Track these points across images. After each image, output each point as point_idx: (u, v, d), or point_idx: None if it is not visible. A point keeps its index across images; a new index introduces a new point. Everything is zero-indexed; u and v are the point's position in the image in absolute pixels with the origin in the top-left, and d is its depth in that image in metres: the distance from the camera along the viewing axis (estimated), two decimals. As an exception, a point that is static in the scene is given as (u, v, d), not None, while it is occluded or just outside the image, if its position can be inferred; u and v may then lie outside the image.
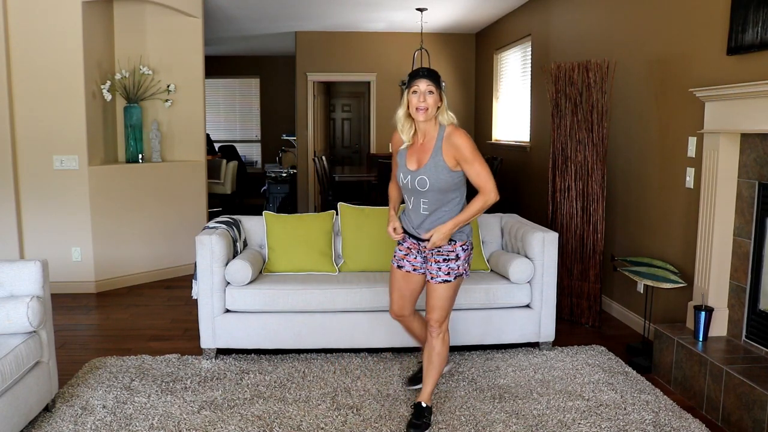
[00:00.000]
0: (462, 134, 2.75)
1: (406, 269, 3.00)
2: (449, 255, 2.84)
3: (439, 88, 2.74)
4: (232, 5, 6.94)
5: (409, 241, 2.97)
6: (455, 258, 2.84)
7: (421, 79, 2.71)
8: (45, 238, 5.18)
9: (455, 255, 2.84)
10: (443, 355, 2.96)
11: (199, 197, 6.08)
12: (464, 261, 2.87)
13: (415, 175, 2.78)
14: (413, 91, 2.72)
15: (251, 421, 3.00)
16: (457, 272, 2.85)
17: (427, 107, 2.71)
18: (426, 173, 2.75)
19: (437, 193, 2.78)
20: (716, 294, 3.47)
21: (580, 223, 4.52)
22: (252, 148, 11.83)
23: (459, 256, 2.84)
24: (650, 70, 4.22)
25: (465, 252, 2.86)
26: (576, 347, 3.97)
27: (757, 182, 3.24)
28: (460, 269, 2.86)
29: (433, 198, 2.80)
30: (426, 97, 2.70)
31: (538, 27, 6.44)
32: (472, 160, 2.71)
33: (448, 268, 2.84)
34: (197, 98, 6.01)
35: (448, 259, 2.84)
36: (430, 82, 2.70)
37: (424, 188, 2.78)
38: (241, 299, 3.71)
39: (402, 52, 8.69)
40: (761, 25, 3.10)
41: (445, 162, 2.74)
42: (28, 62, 5.01)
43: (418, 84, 2.71)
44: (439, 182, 2.75)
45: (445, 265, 2.84)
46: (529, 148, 6.72)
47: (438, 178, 2.75)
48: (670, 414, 3.09)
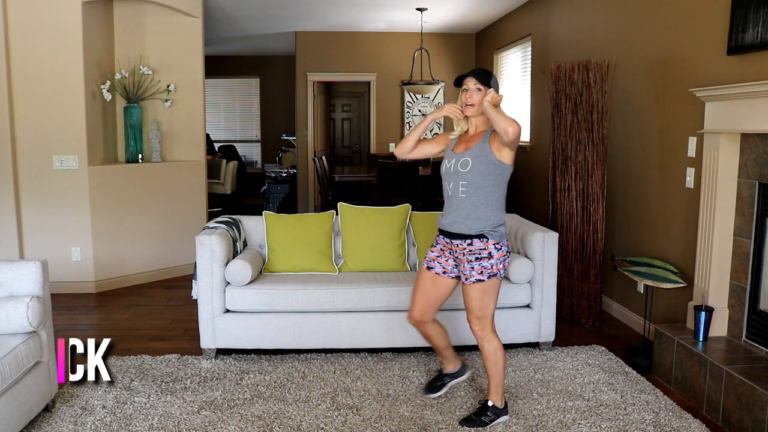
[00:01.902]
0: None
1: (436, 271, 3.01)
2: (481, 254, 2.84)
3: (487, 86, 2.86)
4: (232, 5, 6.94)
5: (442, 242, 2.99)
6: (488, 256, 2.84)
7: (470, 77, 2.89)
8: (45, 238, 5.18)
9: (488, 253, 2.84)
10: (497, 355, 2.95)
11: (199, 197, 6.08)
12: (498, 261, 2.86)
13: (460, 156, 2.89)
14: (463, 89, 2.91)
15: (251, 421, 3.00)
16: (490, 271, 2.84)
17: (474, 103, 2.87)
18: (470, 155, 2.86)
19: (478, 176, 2.82)
20: (716, 294, 3.47)
21: (580, 223, 4.52)
22: (252, 148, 11.82)
23: (492, 255, 2.84)
24: (650, 70, 4.22)
25: (499, 251, 2.86)
26: (576, 347, 3.97)
27: (757, 182, 3.24)
28: (493, 268, 2.85)
29: (473, 180, 2.83)
30: (474, 95, 2.87)
31: (538, 27, 6.44)
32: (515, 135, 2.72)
33: (481, 267, 2.84)
34: (197, 98, 6.01)
35: (480, 257, 2.84)
36: (477, 81, 2.86)
37: (466, 168, 2.84)
38: (241, 299, 3.71)
39: (402, 52, 8.69)
40: (761, 25, 3.10)
41: (491, 148, 2.83)
42: (28, 62, 5.01)
43: (467, 83, 2.89)
44: (480, 164, 2.82)
45: (478, 264, 2.84)
46: (529, 148, 6.72)
47: (481, 160, 2.83)
48: (671, 414, 3.09)
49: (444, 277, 3.01)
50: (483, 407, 3.00)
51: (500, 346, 2.96)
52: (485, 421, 2.95)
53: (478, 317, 2.92)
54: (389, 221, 4.09)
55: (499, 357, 2.95)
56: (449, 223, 2.92)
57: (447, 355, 3.27)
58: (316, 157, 8.28)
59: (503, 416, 3.00)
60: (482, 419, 2.95)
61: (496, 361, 2.95)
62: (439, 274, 3.01)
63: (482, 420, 2.95)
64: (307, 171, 9.24)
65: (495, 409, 2.98)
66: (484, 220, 2.83)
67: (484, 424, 2.95)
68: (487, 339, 2.94)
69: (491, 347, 2.94)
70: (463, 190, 2.86)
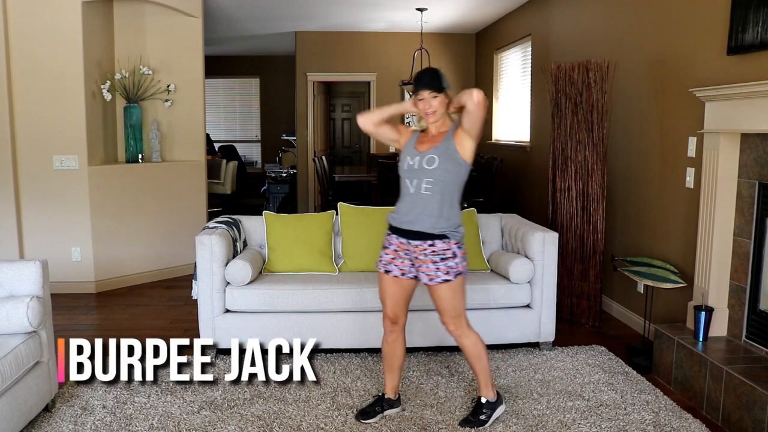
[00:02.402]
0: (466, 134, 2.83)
1: (394, 274, 2.91)
2: (446, 254, 2.81)
3: (441, 90, 2.82)
4: (232, 5, 6.94)
5: (396, 242, 2.90)
6: (452, 256, 2.82)
7: (422, 90, 2.83)
8: (45, 238, 5.18)
9: (452, 253, 2.82)
10: (477, 349, 2.92)
11: (199, 197, 6.08)
12: (461, 259, 2.85)
13: (425, 154, 2.83)
14: (419, 99, 2.84)
15: (251, 421, 3.00)
16: (456, 270, 2.83)
17: (435, 110, 2.83)
18: (437, 152, 2.81)
19: (444, 173, 2.79)
20: (716, 294, 3.47)
21: (580, 223, 4.52)
22: (252, 148, 11.82)
23: (456, 254, 2.82)
24: (650, 70, 4.22)
25: (461, 250, 2.85)
26: (576, 347, 3.97)
27: (757, 182, 3.24)
28: (459, 267, 2.84)
29: (439, 177, 2.79)
30: (431, 103, 2.82)
31: (538, 27, 6.44)
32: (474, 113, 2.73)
33: (446, 267, 2.82)
34: (197, 98, 6.01)
35: (445, 258, 2.81)
36: (431, 92, 2.81)
37: (432, 165, 2.80)
38: (241, 299, 3.71)
39: (402, 52, 8.69)
40: (761, 25, 3.10)
41: (455, 147, 2.81)
42: (28, 62, 5.01)
43: (422, 95, 2.83)
44: (446, 162, 2.79)
45: (443, 264, 2.82)
46: (529, 148, 6.72)
47: (447, 158, 2.80)
48: (670, 414, 3.09)
49: (404, 279, 2.92)
50: (477, 405, 3.00)
51: (479, 340, 2.94)
52: (483, 419, 2.95)
53: (452, 317, 2.89)
54: (389, 221, 4.09)
55: (480, 350, 2.94)
56: (410, 221, 2.83)
57: (397, 373, 3.09)
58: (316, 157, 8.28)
59: (499, 408, 3.00)
60: (480, 418, 2.96)
61: (479, 355, 2.94)
62: (398, 277, 2.92)
63: (480, 419, 2.95)
64: (307, 171, 9.24)
65: (489, 404, 2.98)
66: (446, 219, 2.80)
67: (483, 423, 2.95)
68: (465, 336, 2.92)
69: (470, 342, 2.92)
70: (428, 187, 2.79)
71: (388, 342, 3.03)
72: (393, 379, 3.09)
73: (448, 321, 2.90)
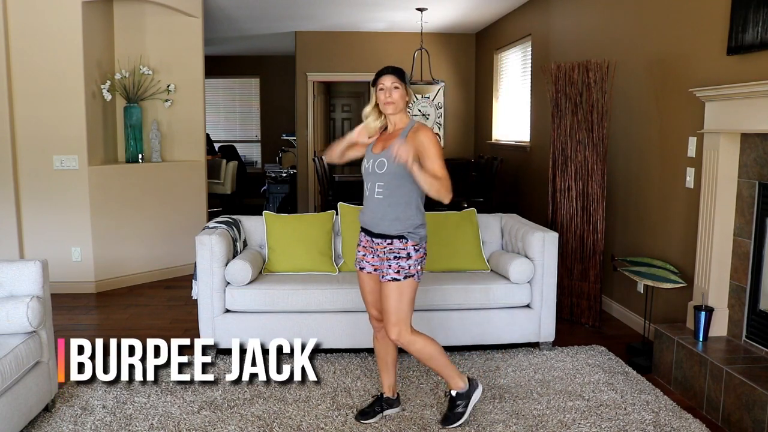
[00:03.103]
0: (429, 132, 2.80)
1: (367, 270, 2.92)
2: (400, 253, 2.78)
3: (404, 83, 2.81)
4: (232, 5, 6.94)
5: (364, 240, 2.91)
6: (406, 257, 2.78)
7: (386, 75, 2.82)
8: (45, 238, 5.18)
9: (406, 253, 2.78)
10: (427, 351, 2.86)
11: (199, 197, 6.08)
12: (416, 262, 2.79)
13: (377, 157, 2.82)
14: (380, 88, 2.82)
15: (251, 421, 3.00)
16: (407, 272, 2.78)
17: (394, 101, 2.80)
18: (386, 156, 2.77)
19: (393, 177, 2.77)
20: (716, 294, 3.47)
21: (580, 223, 4.52)
22: (252, 148, 11.82)
23: (410, 255, 2.78)
24: (650, 70, 4.22)
25: (417, 253, 2.80)
26: (576, 347, 3.97)
27: (757, 182, 3.24)
28: (411, 269, 2.78)
29: (389, 181, 2.78)
30: (392, 93, 2.80)
31: (538, 27, 6.44)
32: (434, 158, 2.72)
33: (398, 266, 2.78)
34: (197, 98, 6.01)
35: (399, 257, 2.78)
36: (395, 79, 2.80)
37: (382, 170, 2.79)
38: (241, 299, 3.71)
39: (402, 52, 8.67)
40: (761, 25, 3.10)
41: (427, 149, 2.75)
42: (28, 62, 5.01)
43: (384, 81, 2.81)
44: (396, 166, 2.72)
45: (396, 263, 2.78)
46: (529, 148, 6.72)
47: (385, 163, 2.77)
48: (670, 414, 3.09)
49: (376, 275, 2.90)
50: (450, 400, 2.98)
51: (425, 340, 2.88)
52: (460, 411, 2.93)
53: (394, 323, 2.79)
54: (389, 221, 4.09)
55: (430, 351, 2.88)
56: (370, 223, 2.85)
57: (392, 371, 3.08)
58: (316, 157, 8.28)
59: (475, 393, 2.97)
60: (456, 411, 2.94)
61: (431, 356, 2.89)
62: (371, 273, 2.92)
63: (456, 412, 2.94)
64: (307, 171, 9.24)
65: (461, 395, 2.95)
66: (402, 221, 2.78)
67: (461, 415, 2.93)
68: (410, 342, 2.84)
69: (418, 347, 2.86)
70: (380, 191, 2.80)
71: (378, 339, 3.03)
72: (389, 378, 3.08)
73: (389, 327, 2.81)
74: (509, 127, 7.68)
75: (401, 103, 2.82)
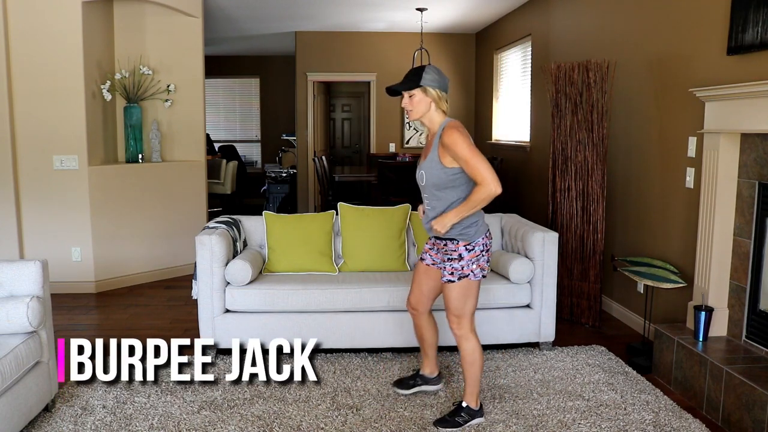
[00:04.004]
0: (452, 133, 2.74)
1: (427, 262, 3.05)
2: (452, 255, 2.85)
3: (418, 86, 2.78)
4: (232, 5, 6.94)
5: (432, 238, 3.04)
6: (458, 258, 2.84)
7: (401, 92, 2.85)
8: (45, 238, 5.18)
9: (458, 255, 2.84)
10: (474, 356, 2.94)
11: (199, 197, 6.08)
12: (470, 261, 2.84)
13: (419, 169, 2.90)
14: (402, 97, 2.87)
15: (251, 421, 3.00)
16: (461, 273, 2.84)
17: (412, 108, 2.82)
18: (424, 168, 2.85)
19: (433, 189, 2.84)
20: (716, 294, 3.47)
21: (580, 223, 4.52)
22: (252, 148, 11.82)
23: (462, 257, 2.83)
24: (650, 70, 4.22)
25: (470, 252, 2.84)
26: (576, 347, 3.97)
27: (757, 182, 3.24)
28: (464, 270, 2.84)
29: (431, 194, 2.86)
30: (407, 102, 2.83)
31: (538, 27, 6.44)
32: (466, 157, 2.70)
33: (451, 267, 2.85)
34: (197, 98, 6.01)
35: (451, 258, 2.86)
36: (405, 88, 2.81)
37: (422, 183, 2.88)
38: (241, 299, 3.71)
39: (402, 52, 8.69)
40: (761, 25, 3.10)
41: (439, 158, 2.78)
42: (28, 62, 5.01)
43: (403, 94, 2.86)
44: (432, 178, 2.81)
45: (449, 264, 2.86)
46: (529, 148, 6.72)
47: (432, 173, 2.81)
48: (670, 414, 3.09)
49: (434, 268, 3.04)
50: (457, 408, 3.00)
51: (478, 347, 2.95)
52: (459, 422, 2.95)
53: (456, 315, 2.92)
54: (389, 221, 4.09)
55: (476, 358, 2.94)
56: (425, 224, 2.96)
57: (430, 354, 3.28)
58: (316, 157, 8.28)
59: (477, 418, 2.99)
60: (456, 420, 2.96)
61: (473, 362, 2.94)
62: (429, 266, 3.05)
63: (456, 421, 2.95)
64: (307, 171, 9.24)
65: (469, 411, 2.97)
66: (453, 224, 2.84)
67: (458, 425, 2.95)
68: (465, 338, 2.93)
69: (469, 347, 2.94)
70: (428, 203, 2.91)
71: (415, 326, 3.23)
72: (427, 360, 3.27)
73: (451, 318, 2.94)
74: (509, 127, 7.68)
75: (421, 107, 2.80)
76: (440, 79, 2.80)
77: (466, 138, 2.73)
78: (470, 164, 2.70)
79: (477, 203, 2.73)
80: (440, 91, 2.80)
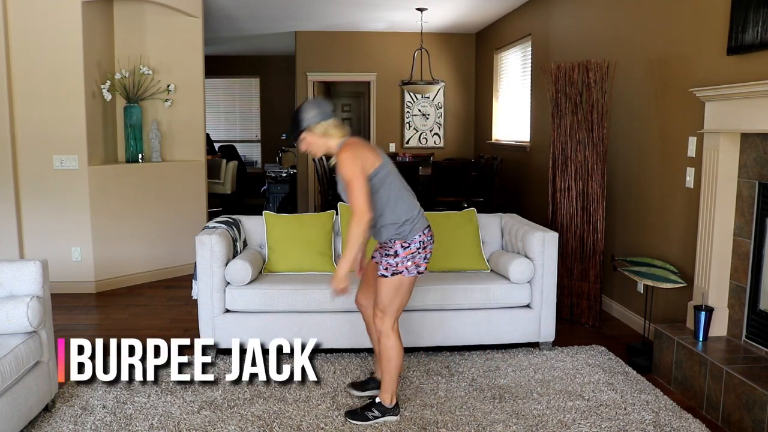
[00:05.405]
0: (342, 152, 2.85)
1: (376, 260, 3.06)
2: (388, 250, 2.90)
3: (302, 130, 2.88)
4: (232, 5, 6.94)
5: None
6: (393, 255, 2.88)
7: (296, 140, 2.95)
8: (45, 238, 5.18)
9: (393, 252, 2.88)
10: (390, 353, 2.95)
11: (199, 197, 6.08)
12: (404, 258, 2.87)
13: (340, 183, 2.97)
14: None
15: (251, 421, 3.00)
16: (394, 269, 2.88)
17: (310, 149, 2.95)
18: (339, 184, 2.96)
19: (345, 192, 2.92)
20: (716, 294, 3.47)
21: (580, 223, 4.52)
22: (252, 148, 11.82)
23: (398, 253, 2.87)
24: (650, 70, 4.22)
25: (406, 249, 2.87)
26: (576, 347, 3.97)
27: (757, 182, 3.24)
28: (398, 267, 2.88)
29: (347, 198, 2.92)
30: (302, 145, 2.93)
31: (538, 27, 6.44)
32: (347, 179, 2.79)
33: (386, 263, 2.91)
34: (197, 98, 6.01)
35: (387, 254, 2.91)
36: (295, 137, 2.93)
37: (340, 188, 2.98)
38: (241, 299, 3.71)
39: (402, 52, 8.69)
40: (761, 25, 3.10)
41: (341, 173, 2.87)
42: (28, 62, 5.01)
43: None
44: (342, 191, 2.93)
45: (385, 260, 2.92)
46: (529, 148, 6.72)
47: (343, 187, 2.91)
48: (670, 414, 3.09)
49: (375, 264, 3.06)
50: (371, 403, 3.02)
51: (396, 346, 2.96)
52: (368, 416, 2.97)
53: (381, 310, 2.94)
54: (389, 221, 4.09)
55: (393, 355, 2.95)
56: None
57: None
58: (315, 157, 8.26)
59: (390, 416, 3.00)
60: (366, 414, 2.98)
61: (390, 358, 2.96)
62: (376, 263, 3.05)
63: (365, 415, 2.98)
64: (307, 171, 9.24)
65: (381, 407, 2.99)
66: (384, 227, 2.89)
67: (366, 419, 2.97)
68: (385, 334, 2.95)
69: (388, 343, 2.95)
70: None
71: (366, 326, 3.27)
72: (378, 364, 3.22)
73: (376, 312, 2.98)
74: (509, 127, 7.68)
75: (317, 146, 2.90)
76: (319, 111, 2.88)
77: (353, 159, 2.81)
78: (349, 187, 2.79)
79: (356, 238, 2.80)
80: (323, 122, 2.88)
